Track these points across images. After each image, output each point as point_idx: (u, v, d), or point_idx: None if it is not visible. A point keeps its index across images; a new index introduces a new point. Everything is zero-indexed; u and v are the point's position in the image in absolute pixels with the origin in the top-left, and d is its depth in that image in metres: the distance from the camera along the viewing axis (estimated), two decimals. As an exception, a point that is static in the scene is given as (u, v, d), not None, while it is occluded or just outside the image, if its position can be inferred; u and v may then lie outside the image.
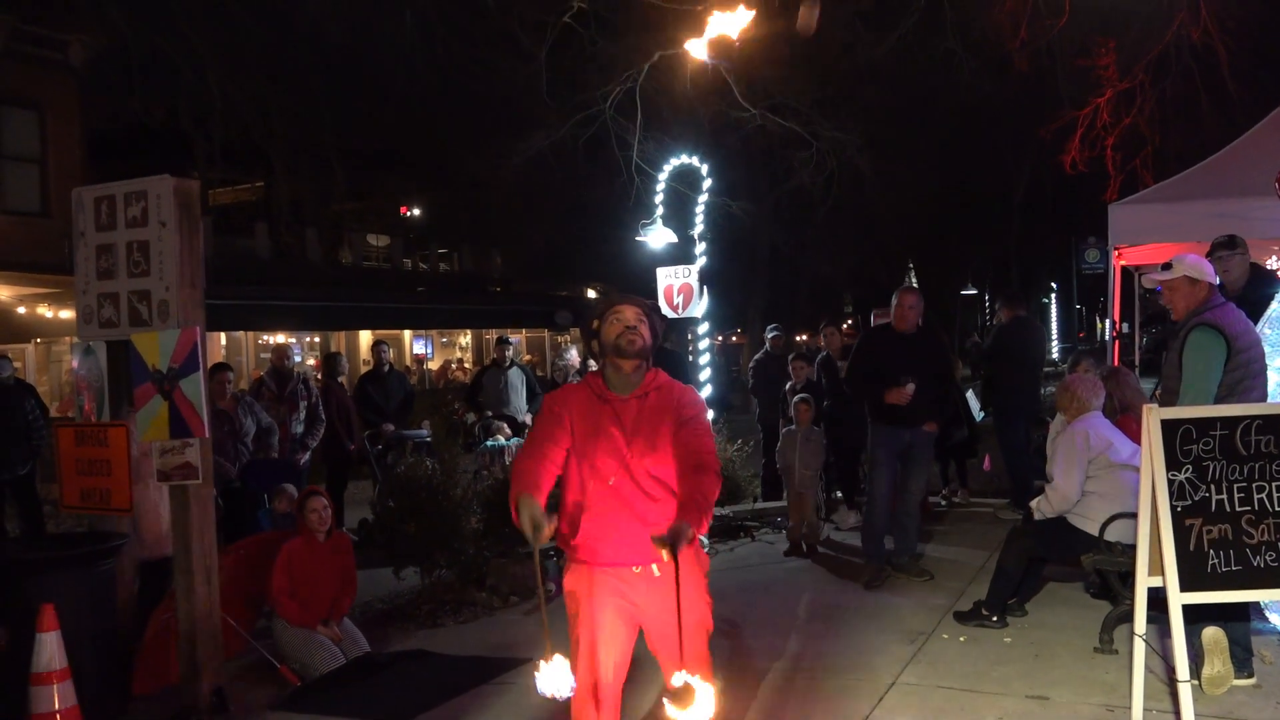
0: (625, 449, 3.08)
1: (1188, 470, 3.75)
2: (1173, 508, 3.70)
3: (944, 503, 8.80)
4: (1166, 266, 4.56)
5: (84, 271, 4.88)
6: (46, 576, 4.48)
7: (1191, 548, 3.70)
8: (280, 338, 18.53)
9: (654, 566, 3.07)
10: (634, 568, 3.11)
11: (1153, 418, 3.75)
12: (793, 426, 7.60)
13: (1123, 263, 9.56)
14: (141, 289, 4.69)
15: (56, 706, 3.97)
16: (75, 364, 5.01)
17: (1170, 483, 3.72)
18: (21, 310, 13.86)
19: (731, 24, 7.10)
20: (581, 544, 3.13)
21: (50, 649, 4.01)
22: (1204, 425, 3.79)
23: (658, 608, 3.10)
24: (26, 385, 9.67)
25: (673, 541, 2.75)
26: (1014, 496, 8.13)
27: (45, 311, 13.60)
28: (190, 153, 18.97)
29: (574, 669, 3.07)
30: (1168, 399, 4.47)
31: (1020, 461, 8.13)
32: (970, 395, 9.80)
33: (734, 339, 32.09)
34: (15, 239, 14.40)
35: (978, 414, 9.55)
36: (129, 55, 15.54)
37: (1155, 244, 8.83)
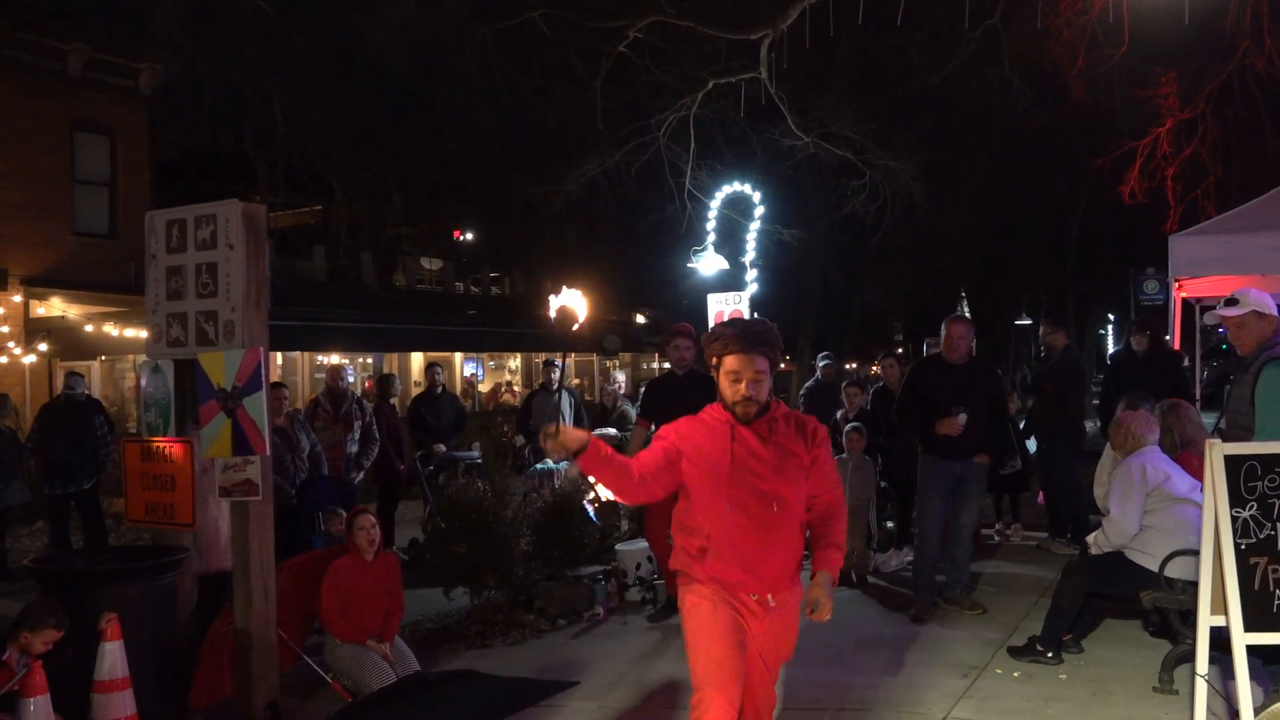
0: (752, 478, 3.14)
1: (1252, 507, 3.67)
2: (1236, 545, 3.62)
3: (996, 537, 8.66)
4: (1231, 301, 4.48)
5: (154, 292, 5.04)
6: (111, 588, 4.61)
7: (1256, 587, 3.62)
8: (335, 358, 18.84)
9: (770, 597, 3.18)
10: (752, 595, 3.17)
11: (1216, 453, 3.68)
12: (844, 455, 7.55)
13: (1183, 295, 9.38)
14: (208, 309, 4.83)
15: (118, 714, 4.07)
16: (144, 382, 5.16)
17: (1234, 520, 3.64)
18: (88, 328, 14.26)
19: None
20: (709, 567, 3.18)
21: (113, 658, 4.12)
22: (1269, 461, 3.71)
23: (762, 634, 3.21)
24: (95, 401, 9.95)
25: (821, 596, 3.07)
26: (1072, 530, 7.98)
27: (111, 330, 13.98)
28: (253, 177, 19.47)
29: (695, 682, 3.13)
30: (1238, 435, 4.37)
31: (1077, 495, 7.96)
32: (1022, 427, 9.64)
33: (783, 366, 31.94)
34: (84, 260, 14.87)
35: (1033, 447, 9.39)
36: (198, 83, 16.04)
37: (1217, 276, 8.66)
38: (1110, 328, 40.95)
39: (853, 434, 7.52)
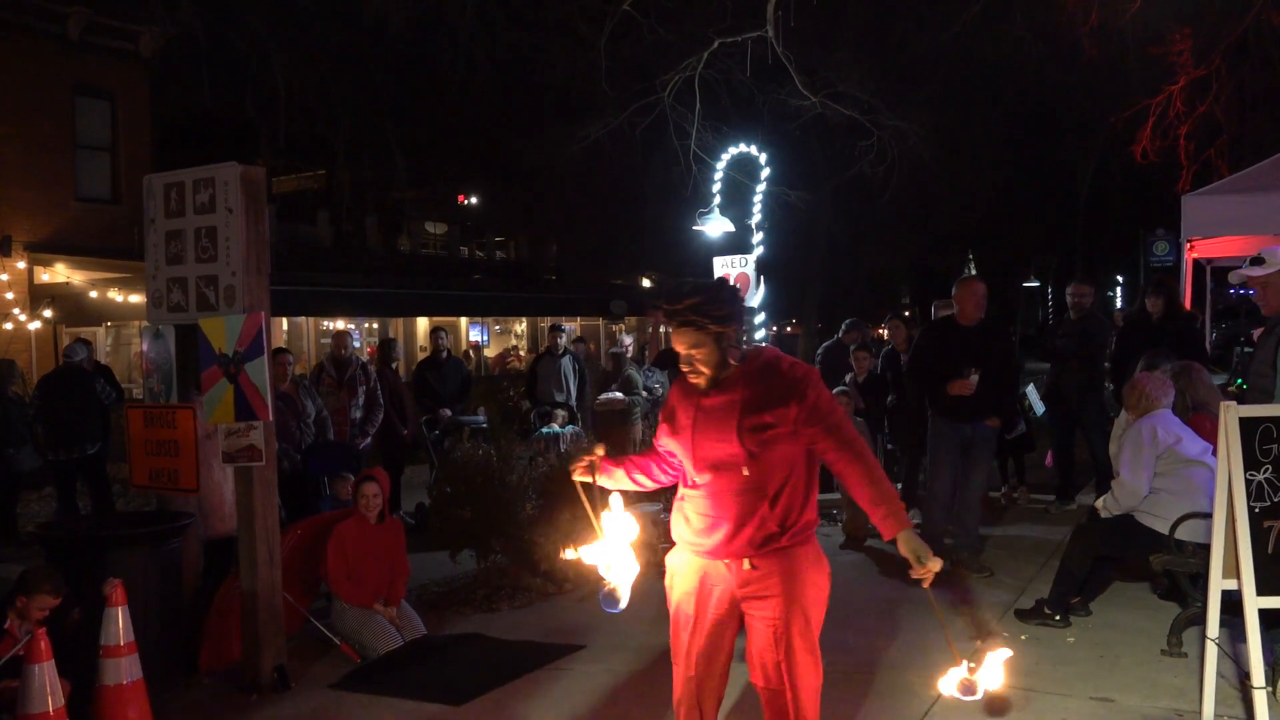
0: (707, 439, 2.97)
1: (1267, 470, 3.62)
2: (1250, 509, 3.58)
3: (1004, 500, 8.64)
4: (1256, 261, 4.39)
5: (154, 257, 4.99)
6: (116, 554, 4.61)
7: (1270, 550, 3.58)
8: (340, 324, 18.81)
9: (746, 561, 2.97)
10: (724, 561, 3.01)
11: (1231, 415, 3.63)
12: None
13: (1195, 255, 9.27)
14: (209, 274, 4.78)
15: (124, 679, 4.07)
16: (145, 347, 5.13)
17: (1248, 483, 3.60)
18: (93, 294, 14.24)
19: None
20: (678, 528, 3.12)
21: (118, 624, 4.11)
22: (1285, 424, 3.65)
23: (753, 605, 2.99)
24: (100, 366, 9.93)
25: (920, 560, 2.85)
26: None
27: (115, 296, 13.96)
28: (255, 142, 19.33)
29: (672, 648, 3.15)
30: (1258, 398, 4.31)
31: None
32: (1031, 390, 9.58)
33: (789, 329, 31.91)
34: (87, 225, 14.81)
35: (1038, 409, 9.33)
36: (198, 46, 15.87)
37: (1231, 237, 8.55)
38: (1119, 289, 40.75)
39: (840, 397, 7.51)
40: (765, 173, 10.08)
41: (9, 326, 13.94)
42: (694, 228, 10.61)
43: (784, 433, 2.90)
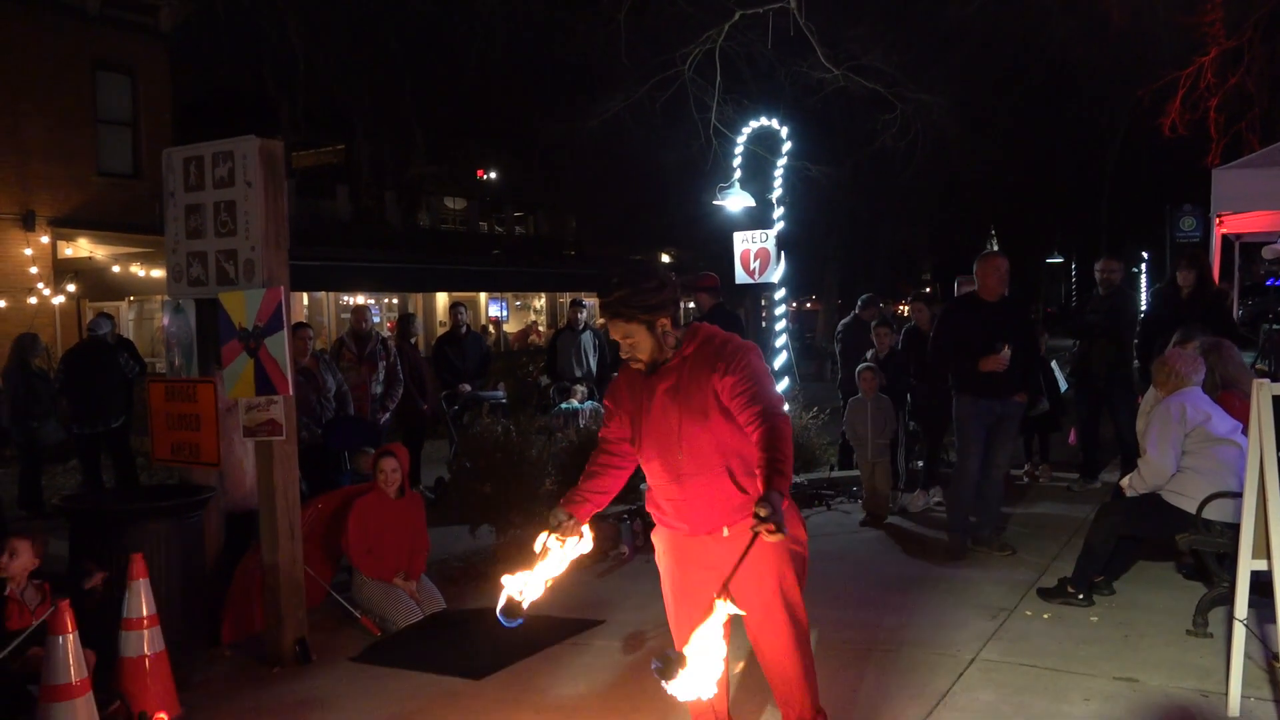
0: (655, 424, 3.04)
1: (1299, 449, 3.55)
2: (1282, 488, 3.52)
3: (1026, 478, 8.57)
4: (1293, 235, 4.30)
5: (173, 231, 4.99)
6: (138, 526, 4.63)
7: (1301, 530, 3.52)
8: (359, 299, 18.86)
9: (724, 529, 3.02)
10: (703, 535, 3.07)
11: (1264, 394, 3.55)
12: (859, 396, 7.50)
13: (1224, 230, 9.12)
14: (228, 248, 4.77)
15: (145, 650, 4.10)
16: (166, 321, 5.13)
17: (1280, 462, 3.53)
18: (115, 269, 14.32)
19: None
20: (652, 510, 3.20)
21: (139, 596, 4.13)
22: (1319, 402, 3.57)
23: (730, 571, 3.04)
24: (123, 340, 10.00)
25: (769, 520, 2.56)
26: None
27: (138, 270, 14.04)
28: (275, 117, 19.32)
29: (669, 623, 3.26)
30: None
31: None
32: (1054, 366, 9.49)
33: (809, 305, 31.77)
34: (109, 200, 14.89)
35: (1061, 386, 9.24)
36: (216, 21, 15.83)
37: (1261, 212, 8.40)
38: (1144, 265, 40.26)
39: (865, 373, 7.48)
40: (786, 147, 9.97)
41: (33, 301, 14.06)
42: (714, 202, 10.53)
43: (721, 407, 2.94)
